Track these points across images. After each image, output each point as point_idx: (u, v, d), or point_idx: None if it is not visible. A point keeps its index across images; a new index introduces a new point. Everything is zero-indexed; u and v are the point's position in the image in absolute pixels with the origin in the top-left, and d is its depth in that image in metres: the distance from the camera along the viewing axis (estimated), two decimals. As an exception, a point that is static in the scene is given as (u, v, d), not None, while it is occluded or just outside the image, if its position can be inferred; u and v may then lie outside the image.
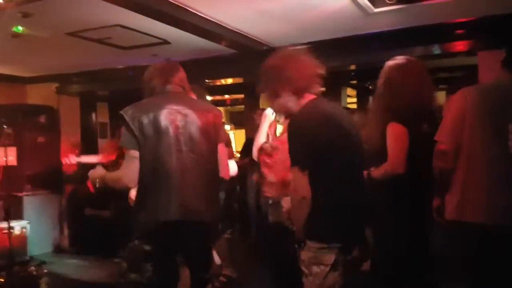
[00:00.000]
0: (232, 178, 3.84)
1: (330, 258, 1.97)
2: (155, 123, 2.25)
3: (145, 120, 2.24)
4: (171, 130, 2.27)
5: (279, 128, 3.24)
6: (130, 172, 2.26)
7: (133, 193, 2.50)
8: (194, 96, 3.62)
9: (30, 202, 5.56)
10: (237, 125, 8.22)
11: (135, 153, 2.24)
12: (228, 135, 4.18)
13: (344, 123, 2.10)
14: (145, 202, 2.27)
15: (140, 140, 2.23)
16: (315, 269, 1.98)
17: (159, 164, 2.25)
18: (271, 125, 3.22)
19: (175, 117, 2.30)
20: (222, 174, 2.50)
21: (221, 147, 2.49)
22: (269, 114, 3.18)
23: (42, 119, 5.88)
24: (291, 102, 2.08)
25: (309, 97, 2.09)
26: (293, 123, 2.05)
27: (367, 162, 2.38)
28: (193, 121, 2.34)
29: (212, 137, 2.41)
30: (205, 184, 2.35)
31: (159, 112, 2.27)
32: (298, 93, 2.06)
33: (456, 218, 2.27)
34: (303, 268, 2.02)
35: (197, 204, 2.30)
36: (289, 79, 2.04)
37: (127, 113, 2.28)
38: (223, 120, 3.94)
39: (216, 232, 3.15)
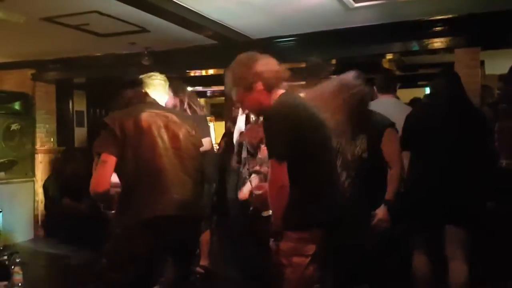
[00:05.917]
0: (211, 172, 3.90)
1: (311, 248, 1.98)
2: (138, 123, 2.29)
3: (128, 121, 2.28)
4: (154, 129, 2.31)
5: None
6: (98, 175, 2.23)
7: None
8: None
9: (4, 190, 5.45)
10: (217, 116, 8.17)
11: (106, 157, 2.22)
12: (208, 127, 4.16)
13: (316, 114, 2.14)
14: (131, 201, 2.25)
15: (121, 140, 2.22)
16: (295, 259, 1.98)
17: (145, 162, 2.26)
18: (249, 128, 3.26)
19: (157, 118, 2.37)
20: None
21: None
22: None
23: (17, 106, 5.75)
24: (264, 96, 2.12)
25: (279, 92, 2.14)
26: (270, 115, 2.05)
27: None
28: (175, 121, 2.42)
29: (194, 134, 2.49)
30: (192, 179, 2.40)
31: (140, 114, 2.33)
32: (270, 87, 2.12)
33: None
34: (283, 259, 2.01)
35: (188, 199, 2.33)
36: (261, 73, 2.09)
37: (108, 118, 2.33)
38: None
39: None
